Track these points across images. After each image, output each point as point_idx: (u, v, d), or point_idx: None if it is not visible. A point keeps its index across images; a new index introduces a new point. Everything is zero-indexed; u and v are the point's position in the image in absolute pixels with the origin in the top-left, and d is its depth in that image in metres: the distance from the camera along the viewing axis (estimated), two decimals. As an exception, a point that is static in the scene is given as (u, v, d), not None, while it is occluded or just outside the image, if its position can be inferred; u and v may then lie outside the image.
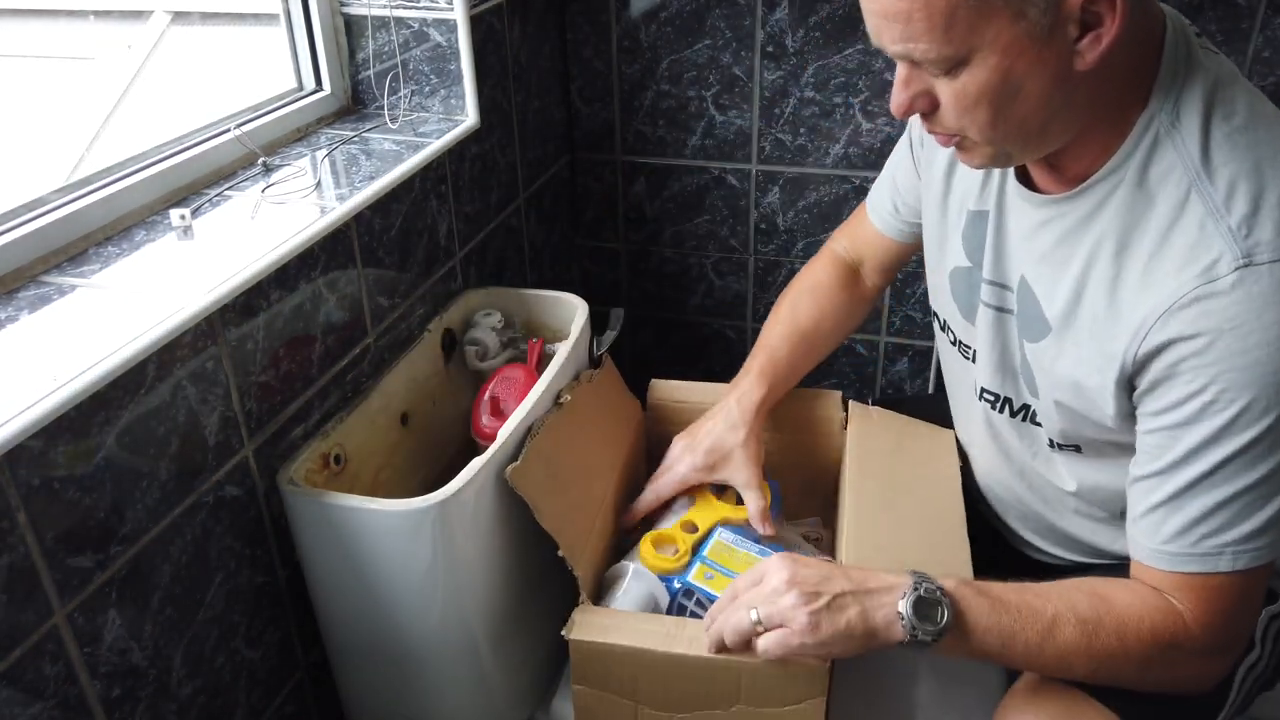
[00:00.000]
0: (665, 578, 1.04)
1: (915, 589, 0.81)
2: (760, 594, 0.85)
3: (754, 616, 0.84)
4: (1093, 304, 0.81)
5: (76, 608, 0.79)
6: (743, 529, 1.09)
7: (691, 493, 1.14)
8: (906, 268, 1.76)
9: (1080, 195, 0.81)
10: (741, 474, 1.09)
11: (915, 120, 1.05)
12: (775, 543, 1.09)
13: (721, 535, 1.08)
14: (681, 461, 1.12)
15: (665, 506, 1.14)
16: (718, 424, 1.12)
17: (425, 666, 1.06)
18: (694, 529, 1.09)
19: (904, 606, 0.80)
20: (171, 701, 0.91)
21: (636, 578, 1.04)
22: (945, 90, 0.75)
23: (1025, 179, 0.89)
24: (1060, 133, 0.78)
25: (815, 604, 0.82)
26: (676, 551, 1.06)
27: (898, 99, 0.78)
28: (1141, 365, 0.77)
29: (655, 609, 1.02)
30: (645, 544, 1.06)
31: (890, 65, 1.61)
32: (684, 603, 1.03)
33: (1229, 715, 0.92)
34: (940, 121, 0.79)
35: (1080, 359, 0.83)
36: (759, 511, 1.08)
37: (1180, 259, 0.74)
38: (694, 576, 1.03)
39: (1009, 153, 0.80)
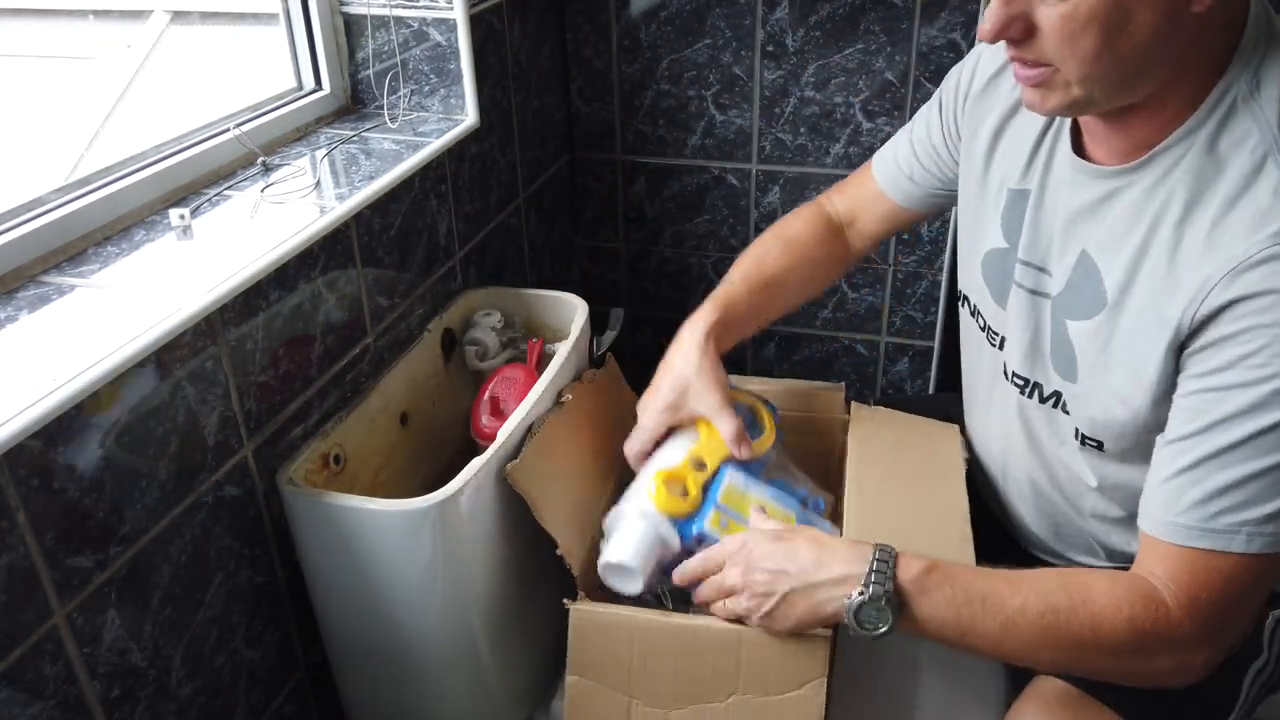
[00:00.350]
0: (678, 521, 0.97)
1: (864, 591, 0.81)
2: (721, 594, 0.90)
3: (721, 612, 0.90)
4: (1151, 273, 0.79)
5: (76, 608, 0.79)
6: (750, 467, 1.04)
7: (695, 425, 1.05)
8: (906, 266, 1.77)
9: (1149, 163, 0.79)
10: (704, 401, 1.02)
11: (950, 89, 1.03)
12: (779, 478, 1.05)
13: (732, 476, 1.01)
14: (645, 411, 1.05)
15: (668, 439, 1.05)
16: (672, 359, 1.06)
17: (425, 666, 1.06)
18: (702, 466, 1.01)
19: (849, 604, 0.82)
20: (171, 702, 0.91)
21: (645, 518, 0.96)
22: (1051, 13, 0.72)
23: (1079, 152, 0.86)
24: (1150, 81, 0.76)
25: (766, 605, 0.85)
26: (687, 494, 0.98)
27: (995, 17, 0.74)
28: (1198, 328, 0.75)
29: (664, 554, 0.96)
30: (658, 483, 0.97)
31: (890, 65, 1.62)
32: (695, 549, 0.97)
33: (1237, 718, 0.92)
34: (1035, 49, 0.75)
35: (1135, 330, 0.81)
36: (732, 435, 1.01)
37: (1250, 223, 0.72)
38: (710, 524, 0.96)
39: (1093, 96, 0.76)
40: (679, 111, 1.75)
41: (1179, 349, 0.77)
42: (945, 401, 1.19)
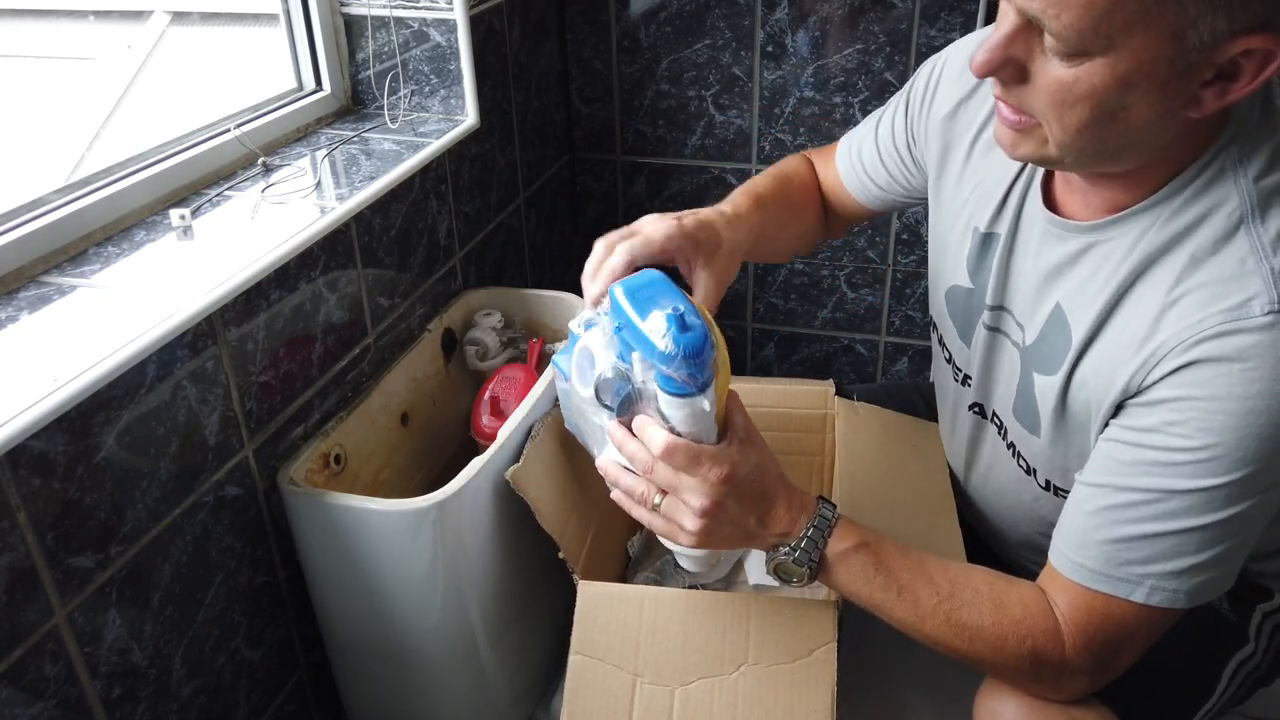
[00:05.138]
0: None
1: (790, 552, 0.81)
2: (676, 490, 0.80)
3: (655, 500, 0.81)
4: (1115, 330, 0.78)
5: (77, 607, 0.79)
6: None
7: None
8: (905, 266, 1.77)
9: (1125, 220, 0.78)
10: (715, 270, 0.88)
11: (918, 93, 1.00)
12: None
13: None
14: (656, 228, 0.87)
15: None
16: (709, 213, 0.92)
17: (425, 666, 1.06)
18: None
19: (772, 556, 0.83)
20: (172, 701, 0.91)
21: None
22: (1049, 73, 0.69)
23: (1050, 201, 0.85)
24: (1129, 160, 0.74)
25: (712, 529, 0.80)
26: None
27: (989, 54, 0.71)
28: (1142, 390, 0.74)
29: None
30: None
31: (890, 65, 1.62)
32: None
33: (1217, 706, 0.92)
34: (1020, 98, 0.73)
35: (1089, 384, 0.80)
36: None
37: (1211, 293, 0.71)
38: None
39: (1065, 162, 0.75)
40: (679, 112, 1.75)
41: (1120, 403, 0.77)
42: (928, 389, 1.19)
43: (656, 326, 0.73)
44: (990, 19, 1.52)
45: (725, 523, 0.81)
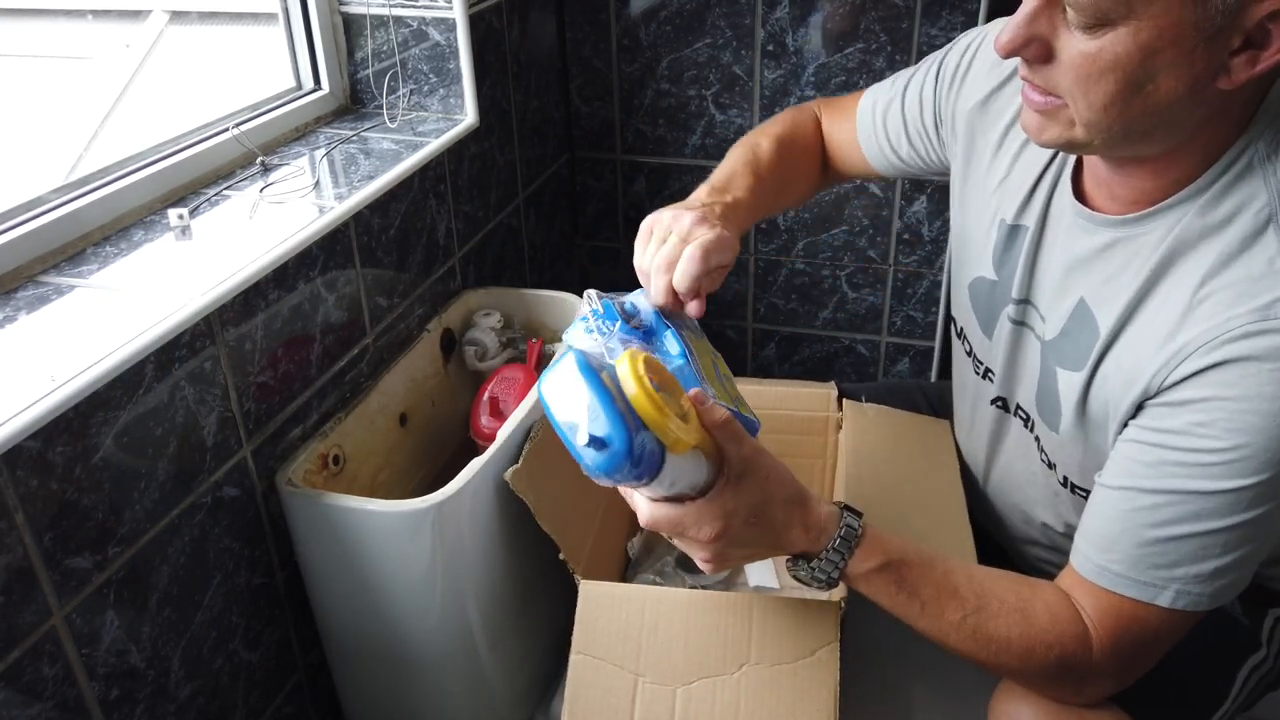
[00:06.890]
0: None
1: (811, 569, 0.78)
2: (689, 536, 0.76)
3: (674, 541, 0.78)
4: (1139, 328, 0.77)
5: (75, 609, 0.79)
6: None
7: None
8: (906, 266, 1.77)
9: (1153, 216, 0.76)
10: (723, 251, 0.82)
11: (949, 70, 0.98)
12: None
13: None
14: (711, 229, 0.81)
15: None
16: (719, 205, 0.89)
17: (424, 667, 1.05)
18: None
19: (792, 567, 0.81)
20: (170, 703, 0.91)
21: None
22: (1073, 47, 0.68)
23: (1079, 195, 0.84)
24: (1159, 142, 0.73)
25: (722, 566, 0.78)
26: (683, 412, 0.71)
27: (1014, 33, 0.70)
28: (1164, 389, 0.73)
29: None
30: (646, 401, 0.68)
31: (891, 64, 1.61)
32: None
33: (1230, 711, 0.92)
34: (1049, 77, 0.72)
35: (1110, 381, 0.79)
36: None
37: (1238, 291, 0.70)
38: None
39: (1093, 142, 0.73)
40: (679, 111, 1.75)
41: (1140, 403, 0.76)
42: (939, 389, 1.18)
43: (577, 448, 0.69)
44: (991, 16, 1.52)
45: (735, 558, 0.78)
